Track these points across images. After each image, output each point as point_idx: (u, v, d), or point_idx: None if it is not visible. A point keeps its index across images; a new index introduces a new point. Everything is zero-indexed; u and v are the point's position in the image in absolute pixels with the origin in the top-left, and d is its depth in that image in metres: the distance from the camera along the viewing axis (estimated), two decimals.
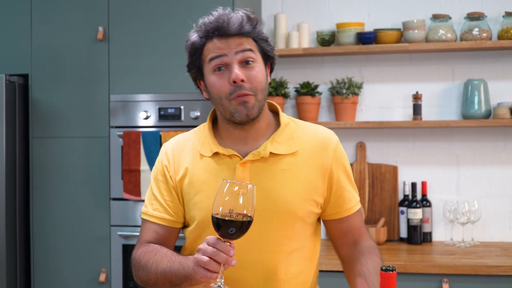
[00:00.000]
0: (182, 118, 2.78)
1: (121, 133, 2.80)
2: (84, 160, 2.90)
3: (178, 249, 1.61)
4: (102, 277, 2.84)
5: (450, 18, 3.03)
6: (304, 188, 1.53)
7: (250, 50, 1.50)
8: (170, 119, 2.79)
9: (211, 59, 1.49)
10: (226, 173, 1.52)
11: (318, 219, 1.63)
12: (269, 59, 1.57)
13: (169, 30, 2.81)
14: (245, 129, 1.55)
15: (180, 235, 1.65)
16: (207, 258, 1.28)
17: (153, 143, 2.74)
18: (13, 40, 2.96)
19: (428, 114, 3.15)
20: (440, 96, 3.17)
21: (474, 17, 2.99)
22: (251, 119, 1.51)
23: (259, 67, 1.51)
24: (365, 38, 3.05)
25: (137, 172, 2.75)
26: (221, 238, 1.29)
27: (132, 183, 2.76)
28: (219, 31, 1.48)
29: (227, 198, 1.27)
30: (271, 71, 1.61)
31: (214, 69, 1.50)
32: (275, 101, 2.35)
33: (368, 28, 3.17)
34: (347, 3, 3.25)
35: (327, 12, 3.26)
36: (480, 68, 3.12)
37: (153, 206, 1.61)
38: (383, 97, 3.22)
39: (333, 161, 1.57)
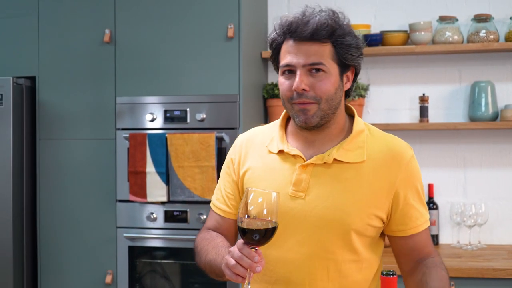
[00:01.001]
0: (188, 120, 2.79)
1: (127, 135, 2.81)
2: (90, 162, 2.91)
3: None
4: (108, 279, 2.85)
5: (457, 20, 3.02)
6: (364, 200, 1.47)
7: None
8: (176, 121, 2.80)
9: (282, 61, 1.51)
10: (287, 173, 1.52)
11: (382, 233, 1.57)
12: (347, 67, 1.52)
13: (175, 33, 2.81)
14: (312, 132, 1.53)
15: None
16: (234, 262, 1.31)
17: (159, 145, 2.74)
18: (21, 43, 2.98)
19: (435, 116, 3.14)
20: (447, 98, 3.15)
21: (481, 19, 2.98)
22: (312, 127, 1.49)
23: (328, 76, 1.47)
24: (372, 40, 3.04)
25: (143, 174, 2.76)
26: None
27: (138, 185, 2.77)
28: (293, 34, 1.47)
29: (252, 205, 1.30)
30: (355, 76, 1.57)
31: (283, 71, 1.50)
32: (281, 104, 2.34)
33: (375, 30, 3.16)
34: (353, 5, 3.24)
35: None
36: (487, 70, 3.10)
37: (216, 196, 1.68)
38: (390, 99, 3.21)
39: (403, 177, 1.50)
